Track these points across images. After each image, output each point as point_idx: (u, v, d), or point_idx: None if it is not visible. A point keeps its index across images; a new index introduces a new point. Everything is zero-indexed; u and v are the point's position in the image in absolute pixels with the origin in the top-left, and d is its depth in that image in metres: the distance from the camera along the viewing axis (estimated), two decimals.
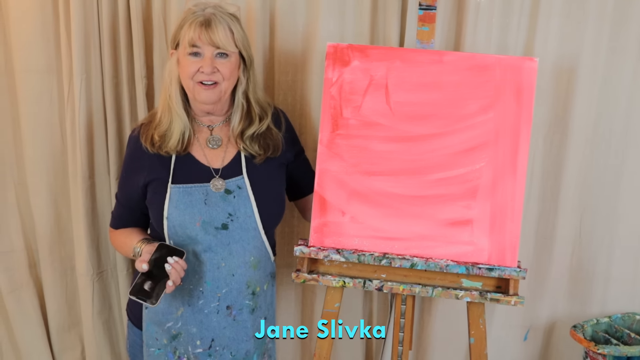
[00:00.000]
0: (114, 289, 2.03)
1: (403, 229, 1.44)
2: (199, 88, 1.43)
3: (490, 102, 1.43)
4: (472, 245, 1.43)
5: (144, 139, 1.49)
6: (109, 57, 1.84)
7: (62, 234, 2.01)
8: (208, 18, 1.40)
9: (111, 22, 1.82)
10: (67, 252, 2.02)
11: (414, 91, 1.45)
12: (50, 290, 2.03)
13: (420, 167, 1.44)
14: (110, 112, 1.88)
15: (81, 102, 1.83)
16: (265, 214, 1.49)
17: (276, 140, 1.53)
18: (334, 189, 1.46)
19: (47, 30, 1.85)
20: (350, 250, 1.44)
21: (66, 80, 1.86)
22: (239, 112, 1.50)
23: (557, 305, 1.85)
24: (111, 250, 2.00)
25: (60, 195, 1.97)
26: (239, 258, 1.48)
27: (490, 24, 1.68)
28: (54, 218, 1.98)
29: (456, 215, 1.43)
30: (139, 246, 1.48)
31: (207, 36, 1.39)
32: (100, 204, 1.95)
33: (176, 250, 1.42)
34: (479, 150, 1.43)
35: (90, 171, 1.90)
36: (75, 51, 1.80)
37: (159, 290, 1.38)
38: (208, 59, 1.40)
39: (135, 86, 1.85)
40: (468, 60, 1.44)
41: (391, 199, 1.45)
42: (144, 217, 1.57)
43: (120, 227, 1.60)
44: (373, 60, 1.46)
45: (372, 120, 1.46)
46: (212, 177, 1.48)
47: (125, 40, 1.83)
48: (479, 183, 1.43)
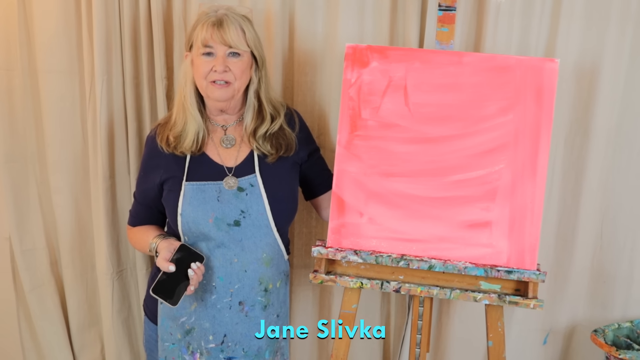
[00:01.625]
0: (134, 287, 2.06)
1: (421, 231, 1.45)
2: (212, 87, 1.46)
3: (510, 103, 1.42)
4: (490, 248, 1.42)
5: (160, 139, 1.53)
6: (130, 58, 1.87)
7: (83, 232, 2.04)
8: (220, 18, 1.44)
9: (132, 24, 1.85)
10: (88, 250, 2.05)
11: (433, 92, 1.45)
12: (70, 288, 2.07)
13: (439, 169, 1.45)
14: (130, 113, 1.91)
15: (102, 103, 1.86)
16: (277, 212, 1.51)
17: (289, 140, 1.55)
18: (352, 190, 1.47)
19: (70, 32, 1.89)
20: (368, 251, 1.45)
21: (88, 81, 1.89)
22: (250, 111, 1.53)
23: (578, 309, 1.83)
24: (131, 249, 2.02)
25: (81, 194, 2.01)
26: (251, 254, 1.50)
27: (510, 25, 1.68)
28: (75, 217, 2.02)
29: (475, 217, 1.43)
30: (155, 242, 1.52)
31: (219, 35, 1.43)
32: (120, 203, 1.98)
33: (197, 254, 1.46)
34: (499, 152, 1.43)
35: (110, 171, 1.93)
36: (97, 52, 1.83)
37: (179, 292, 1.42)
38: (220, 57, 1.44)
39: (156, 87, 1.88)
40: (488, 62, 1.44)
41: (409, 200, 1.45)
42: (161, 215, 1.60)
43: (138, 225, 1.63)
44: (392, 62, 1.46)
45: (390, 121, 1.46)
46: (225, 175, 1.51)
47: (146, 42, 1.85)
48: (498, 185, 1.42)
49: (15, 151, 1.97)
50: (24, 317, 2.10)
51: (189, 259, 1.44)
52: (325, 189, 1.62)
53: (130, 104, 1.90)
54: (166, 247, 1.47)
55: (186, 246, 1.47)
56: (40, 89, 1.93)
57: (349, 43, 1.49)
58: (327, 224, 1.49)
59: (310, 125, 1.72)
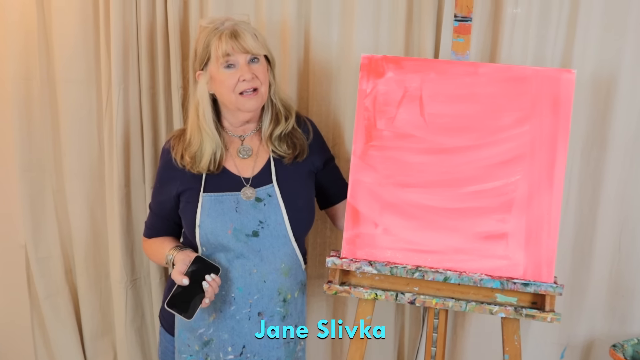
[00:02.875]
0: (147, 296, 2.07)
1: (436, 242, 1.44)
2: (242, 99, 1.46)
3: (527, 114, 1.42)
4: (507, 260, 1.42)
5: (175, 153, 1.53)
6: (147, 68, 1.89)
7: (98, 241, 2.06)
8: (233, 29, 1.45)
9: (149, 33, 1.88)
10: (102, 259, 2.07)
11: (448, 103, 1.45)
12: (84, 296, 2.08)
13: (454, 180, 1.44)
14: (146, 122, 1.93)
15: (119, 112, 1.89)
16: (295, 221, 1.51)
17: (301, 140, 1.56)
18: (367, 200, 1.47)
19: (88, 41, 1.91)
20: (383, 262, 1.45)
21: (105, 90, 1.91)
22: (269, 114, 1.54)
23: (596, 322, 1.81)
24: (145, 258, 2.04)
25: (97, 203, 2.03)
26: (270, 265, 1.51)
27: (526, 35, 1.68)
28: (90, 225, 2.04)
29: (491, 228, 1.43)
30: (172, 254, 1.52)
31: (239, 45, 1.43)
32: (135, 212, 2.00)
33: (212, 266, 1.45)
34: (515, 163, 1.42)
35: (126, 180, 1.95)
36: (114, 62, 1.86)
37: (194, 305, 1.41)
38: (245, 65, 1.45)
39: (172, 96, 1.90)
40: (504, 72, 1.44)
41: (425, 211, 1.45)
42: (177, 226, 1.60)
43: (153, 237, 1.64)
44: (407, 72, 1.46)
45: (406, 131, 1.47)
46: (243, 186, 1.51)
47: (162, 51, 1.87)
48: (515, 196, 1.42)
49: (32, 160, 2.00)
50: (37, 324, 2.11)
51: (205, 271, 1.44)
52: (341, 198, 1.62)
53: (147, 113, 1.92)
54: (182, 259, 1.47)
55: (202, 258, 1.47)
56: (58, 98, 1.96)
57: (364, 53, 1.49)
58: (341, 234, 1.49)
59: (325, 136, 1.73)
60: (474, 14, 1.55)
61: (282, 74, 1.82)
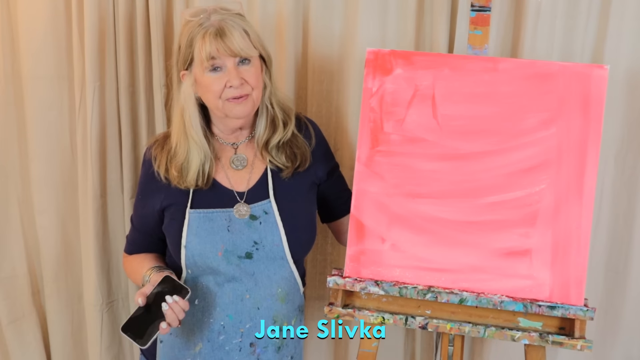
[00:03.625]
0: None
1: (451, 259, 1.45)
2: (229, 105, 1.44)
3: (553, 115, 1.43)
4: (530, 279, 1.42)
5: (158, 165, 1.52)
6: (125, 63, 1.90)
7: (70, 258, 2.06)
8: (220, 26, 1.41)
9: (128, 24, 1.89)
10: (75, 278, 2.07)
11: (464, 103, 1.46)
12: (54, 321, 2.08)
13: (471, 189, 1.45)
14: (125, 124, 1.94)
15: (94, 112, 1.90)
16: (294, 242, 1.51)
17: (303, 148, 1.55)
18: (373, 212, 1.48)
19: (59, 33, 1.92)
20: (391, 282, 1.46)
21: (78, 88, 1.92)
22: (264, 119, 1.53)
23: (632, 350, 1.82)
24: (123, 277, 2.04)
25: (69, 215, 2.03)
26: (265, 290, 1.51)
27: (553, 27, 1.69)
28: (61, 240, 2.04)
29: (512, 244, 1.43)
30: (148, 274, 1.52)
31: (225, 46, 1.39)
32: (112, 226, 2.01)
33: (180, 287, 1.43)
34: (539, 170, 1.43)
35: (102, 189, 1.96)
36: (88, 56, 1.86)
37: (151, 331, 1.40)
38: (232, 70, 1.41)
39: (154, 95, 1.91)
40: (527, 68, 1.45)
41: (438, 224, 1.46)
42: (161, 242, 1.61)
43: (135, 253, 1.65)
44: (418, 68, 1.47)
45: (416, 135, 1.48)
46: (236, 201, 1.51)
47: (143, 45, 1.88)
48: (539, 208, 1.43)
49: None
50: (0, 353, 2.10)
51: (171, 293, 1.42)
52: (346, 212, 1.62)
53: (125, 114, 1.93)
54: (155, 282, 1.45)
55: (170, 278, 1.45)
56: (25, 97, 1.96)
57: (369, 47, 1.50)
58: (344, 251, 1.50)
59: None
60: (493, 3, 1.56)
61: (278, 71, 1.82)
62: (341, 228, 1.67)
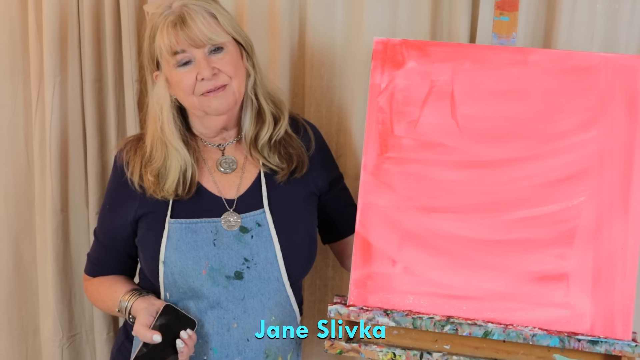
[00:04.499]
0: (90, 357, 2.06)
1: (474, 285, 1.44)
2: (206, 99, 1.46)
3: (593, 115, 1.43)
4: (568, 309, 1.42)
5: (131, 173, 1.52)
6: (91, 56, 1.91)
7: (24, 284, 2.06)
8: (180, 13, 1.43)
9: (94, 11, 1.89)
10: (29, 309, 2.07)
11: (488, 101, 1.46)
12: (5, 358, 2.06)
13: (497, 202, 1.45)
14: (90, 125, 1.93)
15: (54, 112, 1.90)
16: (291, 260, 1.51)
17: (299, 150, 1.56)
18: (382, 229, 1.47)
19: (12, 21, 1.93)
20: (403, 311, 1.45)
21: (35, 84, 1.93)
22: (249, 113, 1.54)
23: None
24: (87, 307, 2.04)
25: (23, 233, 2.03)
26: (256, 317, 1.51)
27: (593, 11, 1.69)
28: (13, 263, 2.03)
29: (546, 267, 1.43)
30: (128, 300, 1.51)
31: (186, 36, 1.42)
32: (74, 246, 2.00)
33: (187, 319, 1.45)
34: (577, 180, 1.43)
35: (63, 202, 1.96)
36: (47, 47, 1.86)
37: None
38: (201, 60, 1.44)
39: (124, 92, 1.91)
40: (562, 61, 1.45)
41: (458, 243, 1.46)
42: (131, 261, 1.61)
43: (100, 275, 1.64)
44: (435, 61, 1.48)
45: (432, 139, 1.47)
46: (224, 210, 1.52)
47: (112, 34, 1.88)
48: (577, 224, 1.42)
49: None
50: None
51: (177, 325, 1.43)
52: (351, 230, 1.61)
53: (91, 114, 1.93)
54: (145, 308, 1.46)
55: (172, 307, 1.46)
56: None
57: (377, 36, 1.51)
58: (348, 275, 1.50)
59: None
60: None
61: (271, 64, 1.83)
62: (345, 250, 1.67)
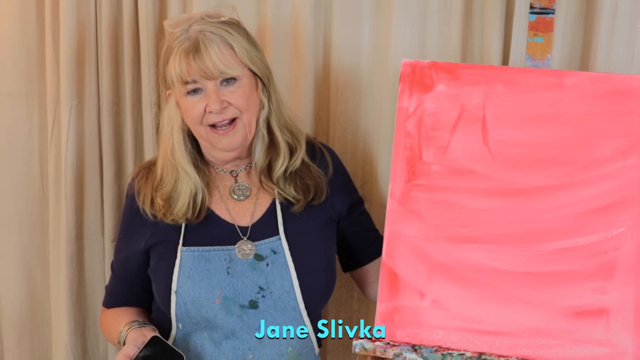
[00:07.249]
0: None
1: (507, 320, 1.44)
2: (214, 135, 1.48)
3: (633, 141, 1.43)
4: (608, 346, 1.40)
5: (142, 201, 1.55)
6: (109, 78, 1.93)
7: (37, 314, 2.07)
8: (195, 41, 1.44)
9: (113, 33, 1.92)
10: (42, 339, 2.08)
11: (522, 126, 1.46)
12: None
13: (531, 233, 1.44)
14: (107, 150, 1.96)
15: (70, 136, 1.92)
16: (309, 289, 1.52)
17: (317, 179, 1.57)
18: (410, 260, 1.47)
19: (29, 42, 1.96)
20: (432, 347, 1.44)
21: (51, 107, 1.95)
22: (260, 144, 1.56)
23: None
24: (101, 339, 2.05)
25: (36, 262, 2.05)
26: (272, 348, 1.51)
27: (633, 31, 1.68)
28: (25, 292, 2.05)
29: (584, 301, 1.42)
30: (125, 330, 1.52)
31: (197, 67, 1.43)
32: (89, 275, 2.01)
33: (172, 352, 1.44)
34: (617, 209, 1.42)
35: (78, 230, 1.97)
36: (64, 70, 1.89)
37: None
38: (212, 92, 1.46)
39: (142, 116, 1.93)
40: (601, 84, 1.45)
41: (490, 276, 1.45)
42: (147, 294, 1.62)
43: (114, 306, 1.65)
44: (465, 84, 1.48)
45: (463, 165, 1.47)
46: (238, 238, 1.53)
47: (130, 57, 1.91)
48: (618, 256, 1.41)
49: None
50: None
51: (163, 358, 1.42)
52: (372, 256, 1.63)
53: (108, 139, 1.95)
54: (134, 338, 1.46)
55: (159, 339, 1.45)
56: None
57: (405, 59, 1.51)
58: (373, 307, 1.49)
59: (352, 171, 1.74)
60: (557, 4, 1.57)
61: (294, 88, 1.85)
62: (367, 277, 1.67)
